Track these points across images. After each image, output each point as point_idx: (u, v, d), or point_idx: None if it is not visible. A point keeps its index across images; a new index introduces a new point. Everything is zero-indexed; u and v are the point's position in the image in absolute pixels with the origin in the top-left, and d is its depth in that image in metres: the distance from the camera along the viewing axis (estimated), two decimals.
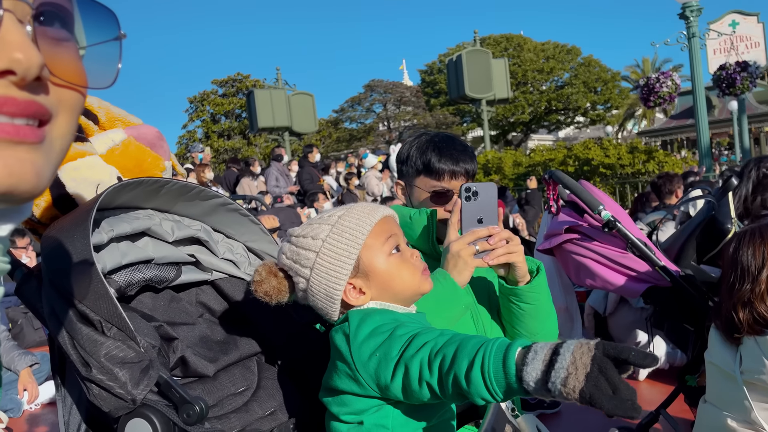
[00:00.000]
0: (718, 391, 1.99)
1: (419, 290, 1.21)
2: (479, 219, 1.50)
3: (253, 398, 1.36)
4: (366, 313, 1.15)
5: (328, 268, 1.15)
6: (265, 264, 1.24)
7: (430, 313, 1.42)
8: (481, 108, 18.13)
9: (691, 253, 3.03)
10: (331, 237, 1.16)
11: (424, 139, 1.74)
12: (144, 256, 1.31)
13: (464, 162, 1.69)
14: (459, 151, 1.69)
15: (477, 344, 0.93)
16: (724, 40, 14.52)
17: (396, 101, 42.00)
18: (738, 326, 1.85)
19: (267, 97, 17.49)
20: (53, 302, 1.07)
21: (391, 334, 1.07)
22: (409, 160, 1.73)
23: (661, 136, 30.69)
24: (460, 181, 1.68)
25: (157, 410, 1.03)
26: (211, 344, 1.37)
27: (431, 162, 1.67)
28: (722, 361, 1.93)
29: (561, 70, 38.70)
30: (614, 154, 15.60)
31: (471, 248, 1.47)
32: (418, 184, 1.72)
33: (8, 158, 0.49)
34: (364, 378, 1.08)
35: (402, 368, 1.02)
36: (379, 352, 1.06)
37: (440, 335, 1.01)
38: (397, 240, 1.21)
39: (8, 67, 0.48)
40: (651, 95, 11.87)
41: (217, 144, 34.82)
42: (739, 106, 17.52)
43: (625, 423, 3.19)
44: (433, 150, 1.68)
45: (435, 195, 1.68)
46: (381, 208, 1.23)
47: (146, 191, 1.31)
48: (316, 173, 11.39)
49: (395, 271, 1.18)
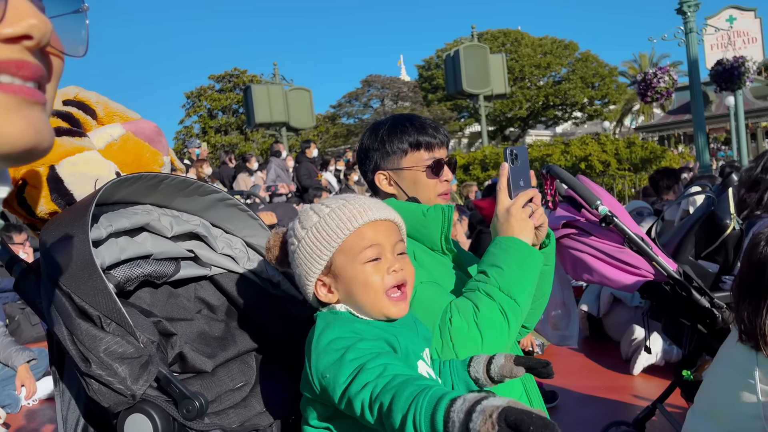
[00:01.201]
0: (719, 402, 1.89)
1: (379, 310, 1.14)
2: (522, 181, 1.52)
3: (251, 394, 1.36)
4: (329, 321, 1.13)
5: (304, 261, 1.15)
6: (278, 232, 1.25)
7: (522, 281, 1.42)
8: (479, 103, 18.11)
9: (689, 249, 3.04)
10: (313, 231, 1.14)
11: (391, 122, 1.69)
12: (143, 252, 1.30)
13: (441, 130, 1.69)
14: (430, 122, 1.69)
15: (410, 396, 0.93)
16: (721, 35, 14.51)
17: (393, 96, 41.93)
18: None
19: (264, 92, 17.44)
20: (52, 297, 1.07)
21: (342, 357, 1.03)
22: (388, 145, 1.66)
23: (659, 132, 30.72)
24: (444, 150, 1.68)
25: (157, 405, 1.03)
26: (210, 340, 1.37)
27: (418, 137, 1.64)
28: (738, 369, 1.81)
29: (558, 66, 38.69)
30: (611, 150, 15.62)
31: (528, 209, 1.48)
32: (406, 164, 1.66)
33: (31, 117, 0.51)
34: (319, 390, 1.07)
35: (346, 399, 1.01)
36: (329, 374, 1.04)
37: (380, 376, 0.98)
38: (379, 250, 1.14)
39: (26, 32, 0.50)
40: (648, 90, 11.86)
41: (214, 140, 34.74)
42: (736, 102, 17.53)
43: (621, 418, 3.21)
44: (412, 126, 1.66)
45: (432, 167, 1.64)
46: (378, 209, 1.16)
47: (145, 186, 1.31)
48: (314, 169, 11.37)
49: (361, 278, 1.13)
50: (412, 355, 1.14)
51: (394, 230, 1.18)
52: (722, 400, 1.85)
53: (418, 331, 1.25)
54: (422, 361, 1.17)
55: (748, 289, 1.77)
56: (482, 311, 1.37)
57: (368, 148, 1.70)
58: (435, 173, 1.65)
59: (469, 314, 1.37)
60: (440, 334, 1.37)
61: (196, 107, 37.43)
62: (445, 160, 1.67)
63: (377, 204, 1.18)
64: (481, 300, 1.39)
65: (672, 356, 4.48)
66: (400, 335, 1.13)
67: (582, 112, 40.29)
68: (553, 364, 1.54)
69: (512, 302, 1.40)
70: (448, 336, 1.36)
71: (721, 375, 1.90)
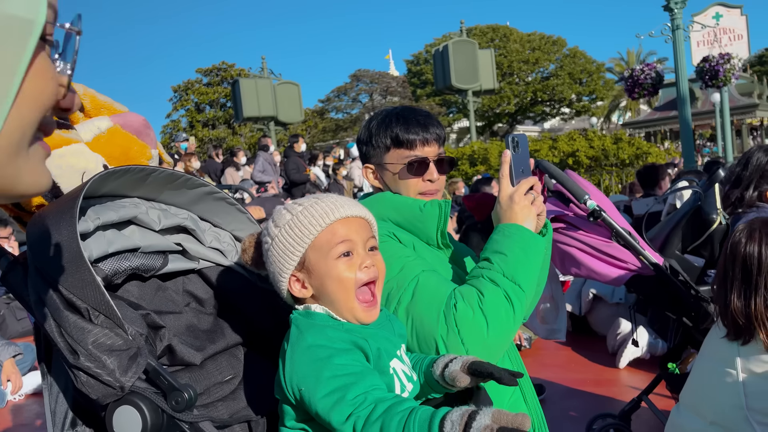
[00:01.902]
0: (703, 395, 1.92)
1: (350, 310, 1.16)
2: (522, 169, 1.52)
3: (240, 386, 1.36)
4: (302, 328, 1.14)
5: (277, 257, 1.17)
6: (252, 234, 1.28)
7: (527, 267, 1.41)
8: (467, 99, 18.15)
9: (675, 243, 3.08)
10: (286, 228, 1.16)
11: (383, 114, 1.66)
12: (130, 245, 1.30)
13: (433, 126, 1.62)
14: (424, 116, 1.63)
15: (399, 424, 0.95)
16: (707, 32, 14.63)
17: (382, 91, 41.89)
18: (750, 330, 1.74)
19: (252, 86, 17.36)
20: (40, 290, 1.06)
21: (318, 373, 1.05)
22: (374, 139, 1.64)
23: (645, 128, 30.93)
24: (432, 147, 1.62)
25: (146, 397, 1.03)
26: (198, 333, 1.37)
27: (399, 133, 1.60)
28: (721, 362, 1.85)
29: (546, 61, 38.84)
30: (599, 146, 15.71)
31: (530, 196, 1.48)
32: (388, 160, 1.63)
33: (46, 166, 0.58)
34: (294, 401, 1.09)
35: (327, 423, 1.03)
36: (304, 387, 1.05)
37: (360, 406, 1.00)
38: (351, 246, 1.16)
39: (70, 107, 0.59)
40: (635, 87, 11.94)
41: (202, 133, 34.54)
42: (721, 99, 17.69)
43: (607, 410, 3.24)
44: (398, 121, 1.61)
45: (410, 166, 1.60)
46: (350, 206, 1.19)
47: (133, 179, 1.30)
48: (303, 163, 11.35)
49: (334, 274, 1.15)
50: (385, 356, 1.15)
51: (365, 227, 1.20)
52: (705, 392, 1.88)
53: (393, 328, 1.25)
54: (397, 360, 1.18)
55: (736, 283, 1.80)
56: (487, 297, 1.36)
57: (359, 139, 1.70)
58: (415, 172, 1.61)
59: (473, 300, 1.36)
60: (445, 320, 1.36)
61: (184, 101, 37.19)
62: (431, 158, 1.61)
63: (349, 201, 1.21)
64: (486, 286, 1.39)
65: (657, 350, 4.53)
66: (372, 337, 1.14)
67: (570, 108, 40.50)
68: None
69: (517, 288, 1.39)
70: (453, 322, 1.35)
71: (704, 369, 1.94)
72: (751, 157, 2.68)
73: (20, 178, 0.53)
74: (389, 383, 1.12)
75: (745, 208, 2.64)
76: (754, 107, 28.46)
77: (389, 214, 1.62)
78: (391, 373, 1.14)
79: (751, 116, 29.02)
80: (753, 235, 1.79)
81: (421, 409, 0.97)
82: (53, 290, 1.06)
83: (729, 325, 1.82)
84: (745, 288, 1.78)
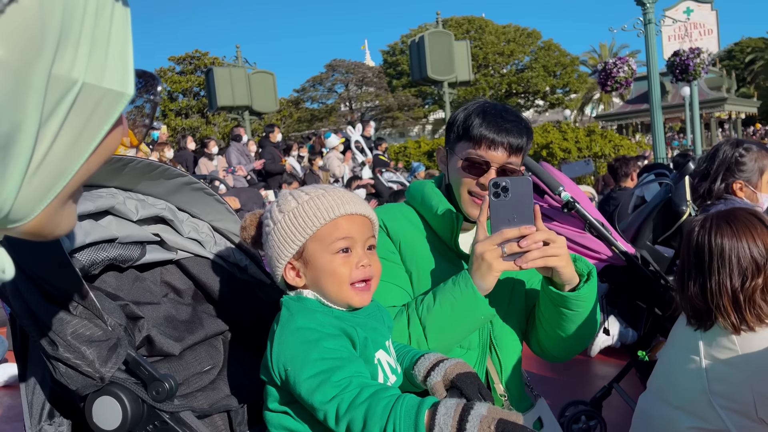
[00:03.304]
0: (668, 382, 1.97)
1: (343, 298, 1.17)
2: (511, 218, 1.35)
3: (219, 377, 1.37)
4: (293, 310, 1.15)
5: (277, 243, 1.18)
6: (254, 213, 1.27)
7: (444, 324, 1.38)
8: (443, 90, 18.18)
9: (647, 234, 3.14)
10: (290, 215, 1.16)
11: (478, 103, 1.59)
12: (107, 235, 1.29)
13: (509, 133, 1.50)
14: (507, 120, 1.51)
15: (386, 407, 0.97)
16: (678, 26, 14.87)
17: (358, 82, 41.72)
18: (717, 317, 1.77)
19: (226, 75, 17.13)
20: (17, 281, 1.05)
21: (306, 354, 1.06)
22: (454, 124, 1.59)
23: (617, 120, 31.38)
24: (499, 153, 1.51)
25: (126, 388, 1.02)
26: (177, 323, 1.37)
27: (472, 126, 1.52)
28: (685, 349, 1.88)
29: (521, 54, 39.08)
30: (572, 138, 15.90)
31: (497, 251, 1.34)
32: (456, 150, 1.57)
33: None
34: (279, 381, 1.10)
35: (309, 404, 1.05)
36: (291, 367, 1.06)
37: (345, 389, 1.01)
38: (351, 243, 1.17)
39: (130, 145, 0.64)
40: (608, 80, 12.10)
41: (175, 123, 34.04)
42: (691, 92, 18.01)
43: (579, 397, 3.30)
44: (479, 114, 1.53)
45: (467, 163, 1.52)
46: (355, 204, 1.18)
47: (109, 169, 1.29)
48: (278, 153, 11.27)
49: (329, 269, 1.15)
50: (371, 345, 1.16)
51: (367, 226, 1.20)
52: (671, 378, 1.94)
53: (383, 319, 1.27)
54: (383, 351, 1.20)
55: (692, 271, 1.86)
56: (395, 331, 1.38)
57: (449, 120, 1.64)
58: (470, 171, 1.53)
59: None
60: None
61: None
62: (494, 164, 1.51)
63: (355, 198, 1.20)
64: (400, 321, 1.43)
65: (627, 338, 4.63)
66: (360, 326, 1.16)
67: (544, 101, 40.85)
68: None
69: (423, 339, 1.41)
70: None
71: (670, 356, 2.00)
72: (718, 151, 2.75)
73: (62, 222, 0.54)
74: (373, 373, 1.14)
75: (713, 200, 2.70)
76: (722, 101, 29.08)
77: (416, 201, 1.66)
78: (376, 363, 1.16)
79: (720, 110, 29.65)
80: (705, 225, 1.86)
81: (408, 396, 0.99)
82: (31, 281, 1.04)
83: (688, 311, 1.88)
84: (699, 274, 1.84)
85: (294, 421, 1.13)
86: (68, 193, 0.52)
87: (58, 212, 0.52)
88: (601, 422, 3.03)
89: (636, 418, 2.07)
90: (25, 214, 0.49)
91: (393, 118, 39.56)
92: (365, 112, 40.54)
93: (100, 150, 0.52)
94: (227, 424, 1.31)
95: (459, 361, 1.25)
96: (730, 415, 1.76)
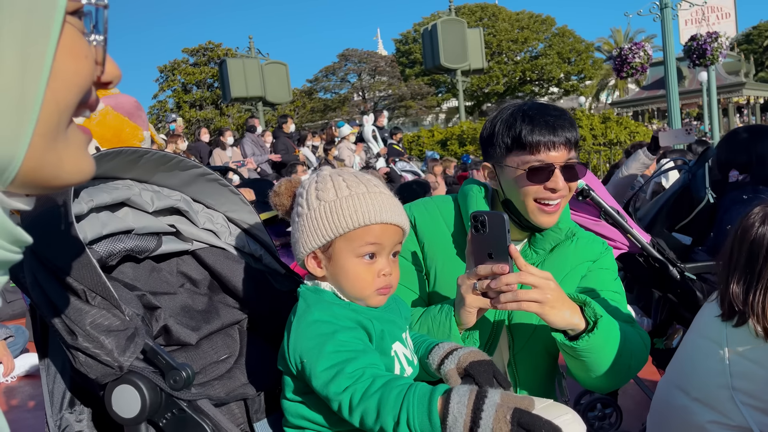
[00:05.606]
0: (690, 371, 1.90)
1: (362, 300, 1.17)
2: (489, 253, 1.31)
3: (235, 366, 1.38)
4: (310, 302, 1.16)
5: (307, 231, 1.16)
6: (291, 181, 1.26)
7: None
8: (456, 78, 18.07)
9: (664, 221, 3.11)
10: (326, 207, 1.14)
11: (510, 110, 1.51)
12: (124, 227, 1.30)
13: (563, 129, 1.45)
14: (554, 117, 1.46)
15: (398, 396, 0.97)
16: (695, 10, 14.63)
17: (371, 71, 41.60)
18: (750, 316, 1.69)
19: (240, 66, 17.18)
20: (36, 272, 1.07)
21: (322, 346, 1.06)
22: (495, 138, 1.50)
23: (633, 107, 31.01)
24: (560, 152, 1.45)
25: (144, 376, 1.04)
26: (193, 313, 1.38)
27: (522, 134, 1.44)
28: (710, 341, 1.80)
29: (535, 41, 38.69)
30: (587, 125, 15.74)
31: (470, 286, 1.33)
32: (509, 164, 1.48)
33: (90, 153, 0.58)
34: (296, 371, 1.11)
35: (324, 396, 1.05)
36: (307, 359, 1.07)
37: (359, 380, 1.01)
38: (378, 249, 1.15)
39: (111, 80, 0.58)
40: (624, 66, 11.93)
41: (189, 114, 34.21)
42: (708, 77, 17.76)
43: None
44: (524, 120, 1.46)
45: (531, 172, 1.45)
46: (394, 213, 1.16)
47: (125, 161, 1.30)
48: (292, 144, 11.29)
49: (351, 273, 1.15)
50: (388, 338, 1.17)
51: (398, 234, 1.18)
52: (692, 369, 1.90)
53: (399, 311, 1.27)
54: (399, 343, 1.20)
55: (739, 268, 1.75)
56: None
57: (482, 135, 1.57)
58: (536, 180, 1.46)
59: None
60: None
61: (170, 81, 36.75)
62: (558, 164, 1.45)
63: (394, 206, 1.17)
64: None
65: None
66: (377, 318, 1.16)
67: (558, 88, 40.46)
68: None
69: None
70: None
71: (694, 345, 1.94)
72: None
73: (62, 165, 0.52)
74: (389, 365, 1.14)
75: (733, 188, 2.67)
76: (740, 86, 28.60)
77: (460, 198, 1.62)
78: (392, 355, 1.16)
79: (738, 95, 29.17)
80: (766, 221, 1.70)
81: (420, 385, 1.00)
82: (49, 272, 1.06)
83: (725, 307, 1.78)
84: (747, 275, 1.72)
85: (310, 410, 1.15)
86: (51, 127, 0.50)
87: (51, 151, 0.51)
88: (616, 410, 3.02)
89: (654, 405, 2.05)
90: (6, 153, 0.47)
91: (406, 107, 39.45)
92: (378, 101, 40.46)
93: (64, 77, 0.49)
94: (244, 412, 1.33)
95: (473, 349, 1.24)
96: (752, 413, 1.71)
